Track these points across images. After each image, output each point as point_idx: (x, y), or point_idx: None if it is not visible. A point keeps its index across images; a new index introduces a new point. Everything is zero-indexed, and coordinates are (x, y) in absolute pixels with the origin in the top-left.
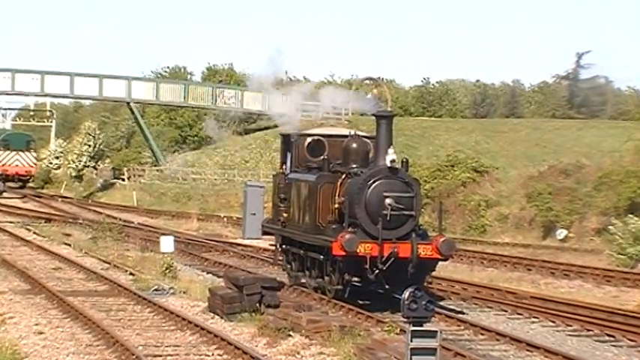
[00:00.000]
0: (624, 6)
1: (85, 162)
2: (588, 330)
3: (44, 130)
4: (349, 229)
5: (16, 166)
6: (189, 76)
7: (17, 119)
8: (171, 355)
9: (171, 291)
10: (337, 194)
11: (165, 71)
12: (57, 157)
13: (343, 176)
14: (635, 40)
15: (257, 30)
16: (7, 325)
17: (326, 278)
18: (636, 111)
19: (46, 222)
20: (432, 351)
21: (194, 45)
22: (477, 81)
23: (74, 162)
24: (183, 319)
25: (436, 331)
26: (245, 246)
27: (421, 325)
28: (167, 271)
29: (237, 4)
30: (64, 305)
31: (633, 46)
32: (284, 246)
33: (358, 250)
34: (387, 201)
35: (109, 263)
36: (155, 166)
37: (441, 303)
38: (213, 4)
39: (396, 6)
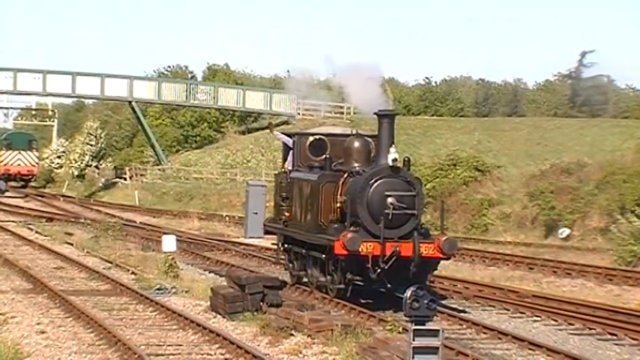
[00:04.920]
0: (628, 5)
1: (87, 161)
2: (590, 329)
3: (46, 130)
4: (351, 228)
5: (18, 165)
6: (189, 75)
7: (19, 119)
8: (173, 355)
9: (174, 290)
10: (339, 193)
11: (167, 70)
12: (59, 157)
13: (345, 175)
14: (637, 39)
15: (258, 29)
16: (9, 325)
17: (328, 277)
18: (638, 110)
19: (47, 221)
20: (434, 350)
21: (194, 44)
22: (480, 80)
23: (76, 161)
24: (186, 319)
25: (438, 330)
26: (247, 245)
27: (423, 324)
28: (169, 270)
29: (239, 3)
30: (66, 305)
31: (636, 45)
32: (286, 245)
33: (360, 249)
34: (389, 200)
35: (110, 262)
36: (157, 165)
37: (443, 302)
38: (214, 2)
39: (398, 4)
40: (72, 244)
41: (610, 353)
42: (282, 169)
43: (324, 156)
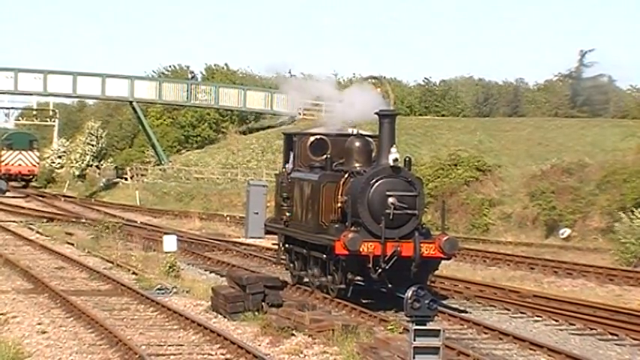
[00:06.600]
0: (628, 5)
1: (88, 161)
2: (591, 329)
3: (47, 130)
4: (352, 228)
5: (19, 165)
6: (190, 75)
7: (20, 119)
8: (174, 355)
9: (174, 290)
10: (340, 193)
11: (168, 70)
12: (60, 157)
13: (346, 175)
14: (637, 40)
15: (260, 29)
16: (10, 325)
17: (329, 277)
18: (638, 110)
19: (48, 221)
20: (435, 350)
21: (194, 44)
22: (480, 79)
23: (77, 161)
24: (186, 319)
25: (439, 330)
26: (248, 245)
27: (424, 324)
28: (170, 270)
29: (240, 3)
30: (67, 305)
31: (636, 45)
32: (287, 245)
33: (361, 249)
34: (390, 200)
35: (112, 262)
36: (158, 165)
37: (444, 302)
38: (214, 2)
39: (399, 4)
40: (73, 244)
41: (611, 353)
42: (283, 169)
43: (324, 156)
